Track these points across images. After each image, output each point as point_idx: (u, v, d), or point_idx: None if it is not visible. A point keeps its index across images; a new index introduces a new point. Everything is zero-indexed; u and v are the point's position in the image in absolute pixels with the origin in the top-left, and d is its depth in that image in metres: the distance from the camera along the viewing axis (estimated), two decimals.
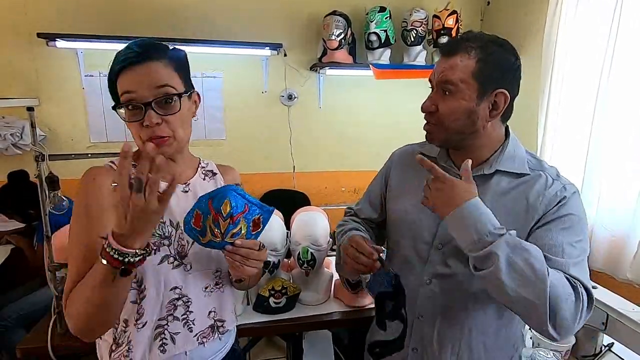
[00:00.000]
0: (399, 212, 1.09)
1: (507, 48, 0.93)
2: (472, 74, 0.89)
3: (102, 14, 2.51)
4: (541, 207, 0.91)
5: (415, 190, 1.03)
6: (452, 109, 0.91)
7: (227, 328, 1.02)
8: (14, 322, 2.10)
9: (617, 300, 1.25)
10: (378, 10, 2.63)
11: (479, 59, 0.89)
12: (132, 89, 0.83)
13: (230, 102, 2.81)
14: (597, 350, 1.33)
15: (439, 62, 0.95)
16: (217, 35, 2.63)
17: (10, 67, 2.47)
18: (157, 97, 0.84)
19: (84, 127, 2.62)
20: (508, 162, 0.96)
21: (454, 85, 0.90)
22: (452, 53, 0.91)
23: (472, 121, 0.92)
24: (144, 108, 0.84)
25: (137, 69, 0.84)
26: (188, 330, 0.94)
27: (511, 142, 0.98)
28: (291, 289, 1.53)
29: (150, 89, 0.84)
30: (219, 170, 1.08)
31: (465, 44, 0.91)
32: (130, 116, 0.85)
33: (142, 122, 0.84)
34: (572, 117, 2.15)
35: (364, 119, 2.98)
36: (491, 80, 0.90)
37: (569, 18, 2.12)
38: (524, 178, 0.96)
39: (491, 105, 0.92)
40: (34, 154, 1.26)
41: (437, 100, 0.94)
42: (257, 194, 2.96)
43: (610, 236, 1.90)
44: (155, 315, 0.90)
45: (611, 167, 1.92)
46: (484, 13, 3.02)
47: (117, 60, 0.85)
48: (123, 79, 0.84)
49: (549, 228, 0.90)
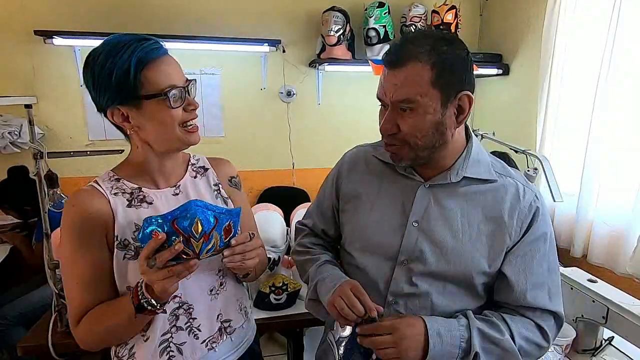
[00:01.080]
0: (355, 226, 0.97)
1: (456, 43, 0.82)
2: (430, 83, 0.78)
3: (99, 11, 2.49)
4: (517, 224, 0.87)
5: (373, 198, 0.95)
6: (416, 127, 0.81)
7: (234, 327, 1.00)
8: (13, 321, 2.10)
9: (618, 294, 1.25)
10: (377, 5, 2.62)
11: (433, 63, 0.78)
12: (173, 81, 0.85)
13: (228, 99, 2.80)
14: (598, 344, 1.34)
15: (387, 77, 0.82)
16: (215, 31, 2.61)
17: (7, 65, 2.46)
18: (186, 82, 0.88)
19: (82, 125, 2.61)
20: (474, 168, 0.89)
21: (413, 102, 0.79)
22: (400, 64, 0.79)
23: (440, 133, 0.83)
24: (182, 94, 0.86)
25: (166, 59, 0.86)
26: (194, 338, 0.93)
27: (474, 145, 0.91)
28: (292, 286, 1.53)
29: (181, 76, 0.88)
30: (210, 165, 1.05)
31: (411, 49, 0.79)
32: (174, 102, 0.85)
33: (184, 107, 0.88)
34: (571, 111, 2.15)
35: (363, 115, 2.97)
36: (452, 85, 0.80)
37: (568, 12, 2.11)
38: (492, 184, 0.89)
39: (456, 111, 0.83)
40: (33, 151, 1.26)
41: (395, 119, 0.83)
42: (256, 191, 2.96)
43: (610, 231, 1.90)
44: (158, 330, 0.89)
45: (611, 161, 1.91)
46: (482, 8, 3.01)
47: (142, 51, 0.82)
48: (157, 69, 0.84)
49: (528, 258, 0.88)
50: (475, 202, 0.89)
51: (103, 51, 0.82)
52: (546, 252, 0.89)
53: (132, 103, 0.84)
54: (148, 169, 0.93)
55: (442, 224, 0.89)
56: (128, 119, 0.86)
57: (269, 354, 2.45)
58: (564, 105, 2.18)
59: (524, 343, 0.86)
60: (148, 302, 0.79)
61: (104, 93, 0.83)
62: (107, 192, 0.88)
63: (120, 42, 0.82)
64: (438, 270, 0.88)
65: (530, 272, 0.88)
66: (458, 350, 0.83)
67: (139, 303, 0.80)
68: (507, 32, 2.74)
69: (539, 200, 0.89)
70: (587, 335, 1.33)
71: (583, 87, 2.07)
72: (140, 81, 0.82)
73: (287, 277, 1.55)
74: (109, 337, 0.89)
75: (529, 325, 0.88)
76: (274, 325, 1.54)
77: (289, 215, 1.93)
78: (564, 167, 2.15)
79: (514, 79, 2.68)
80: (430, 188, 0.91)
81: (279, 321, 1.51)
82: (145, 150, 0.91)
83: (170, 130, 0.87)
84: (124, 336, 0.90)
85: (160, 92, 0.83)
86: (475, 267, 0.87)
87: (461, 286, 0.89)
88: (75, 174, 2.58)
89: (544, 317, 0.89)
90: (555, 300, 0.90)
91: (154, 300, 0.79)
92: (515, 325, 0.87)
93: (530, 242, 0.88)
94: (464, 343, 0.83)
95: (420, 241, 0.89)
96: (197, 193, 0.98)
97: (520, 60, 2.61)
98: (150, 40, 0.84)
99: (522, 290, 0.87)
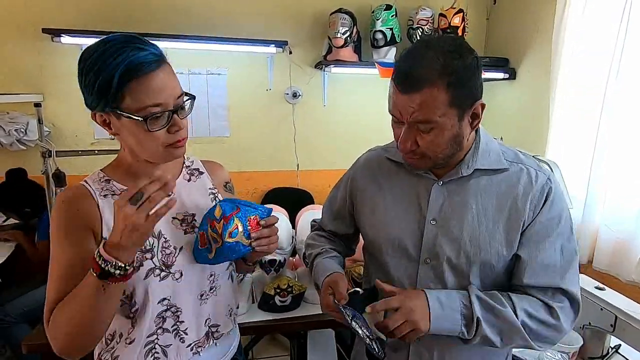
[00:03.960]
0: (374, 228, 0.99)
1: (465, 52, 0.80)
2: (448, 104, 0.78)
3: (106, 10, 2.50)
4: (531, 207, 0.88)
5: (389, 200, 0.97)
6: (436, 143, 0.83)
7: (222, 332, 0.99)
8: (17, 318, 2.10)
9: (626, 302, 1.24)
10: (384, 8, 2.61)
11: (447, 85, 0.77)
12: (159, 100, 0.77)
13: (234, 100, 2.80)
14: (605, 352, 1.32)
15: (402, 99, 0.80)
16: (222, 32, 2.61)
17: (15, 63, 2.47)
18: (178, 104, 0.81)
19: (88, 123, 2.61)
20: (484, 159, 0.90)
21: (432, 122, 0.80)
22: (414, 89, 0.78)
23: (458, 143, 0.85)
24: (168, 115, 0.80)
25: (156, 75, 0.77)
26: (180, 341, 0.91)
27: (483, 137, 0.92)
28: (297, 288, 1.52)
29: (173, 97, 0.80)
30: (205, 168, 1.03)
31: (424, 73, 0.77)
32: (153, 125, 0.78)
33: (168, 128, 0.81)
34: (579, 116, 2.14)
35: (368, 117, 2.97)
36: (467, 99, 0.81)
37: (576, 18, 2.10)
38: (504, 173, 0.90)
39: (471, 119, 0.84)
40: (41, 149, 1.26)
41: (414, 137, 0.84)
42: (260, 192, 2.96)
43: (616, 237, 1.89)
44: (144, 331, 0.87)
45: (617, 167, 1.90)
46: (490, 12, 3.00)
47: (132, 62, 0.75)
48: (143, 84, 0.76)
49: (540, 237, 0.88)
50: (489, 193, 0.90)
51: (95, 52, 0.77)
52: (559, 234, 0.88)
53: (113, 113, 0.79)
54: (136, 171, 0.90)
55: (459, 219, 0.90)
56: (110, 125, 0.83)
57: (271, 355, 2.44)
58: (572, 110, 2.17)
59: (527, 319, 0.85)
60: (114, 265, 0.71)
61: (88, 94, 0.80)
62: (96, 193, 0.86)
63: (113, 46, 0.76)
64: (460, 264, 0.90)
65: (541, 251, 0.87)
66: (459, 315, 0.85)
67: (101, 270, 0.72)
68: (514, 36, 2.73)
69: (551, 182, 0.89)
70: (594, 343, 1.32)
71: (591, 92, 2.06)
72: (122, 94, 0.76)
73: (293, 280, 1.55)
74: (78, 329, 0.77)
75: (534, 303, 0.87)
76: (278, 327, 1.54)
77: (294, 216, 1.92)
78: (569, 173, 2.13)
79: (520, 83, 2.67)
80: (444, 185, 0.93)
81: (283, 323, 1.50)
82: (132, 153, 0.87)
83: (148, 149, 0.83)
84: (91, 326, 0.78)
85: (139, 112, 0.77)
86: (494, 256, 0.88)
87: (486, 272, 0.90)
88: (81, 172, 2.58)
89: (556, 297, 0.88)
90: (568, 280, 0.88)
91: (121, 262, 0.72)
92: (518, 301, 0.86)
93: (542, 222, 0.88)
94: (465, 309, 0.85)
95: (439, 239, 0.90)
96: (190, 196, 0.96)
97: (527, 65, 2.60)
98: (145, 49, 0.77)
99: (532, 268, 0.87)
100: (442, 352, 0.94)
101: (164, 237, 0.89)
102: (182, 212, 0.94)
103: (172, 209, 0.87)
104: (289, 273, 1.66)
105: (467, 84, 0.80)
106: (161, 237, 0.89)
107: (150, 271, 0.86)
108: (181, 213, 0.93)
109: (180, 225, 0.92)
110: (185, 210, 0.94)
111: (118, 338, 0.89)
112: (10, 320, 2.09)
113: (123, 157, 0.91)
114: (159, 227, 0.88)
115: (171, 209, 0.80)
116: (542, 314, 0.87)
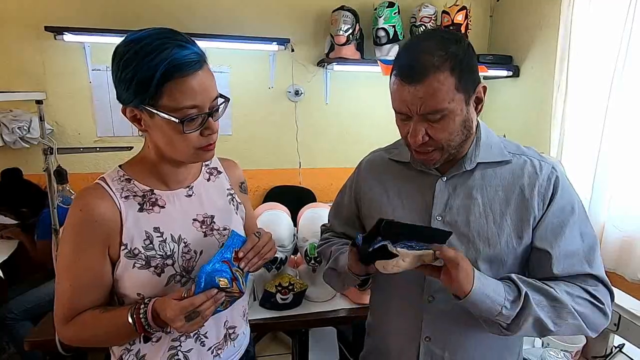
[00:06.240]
0: None
1: (459, 37, 0.82)
2: (455, 89, 0.79)
3: (109, 8, 2.50)
4: (539, 198, 0.87)
5: (395, 200, 0.97)
6: (449, 131, 0.83)
7: (237, 333, 1.00)
8: (20, 315, 2.11)
9: (630, 301, 1.23)
10: (386, 5, 2.60)
11: (452, 69, 0.78)
12: (196, 102, 0.77)
13: (236, 97, 2.79)
14: (608, 351, 1.31)
15: (408, 91, 0.79)
16: (224, 29, 2.61)
17: (18, 61, 2.47)
18: (213, 106, 0.81)
19: (91, 121, 2.62)
20: (486, 153, 0.90)
21: (443, 110, 0.80)
22: (421, 78, 0.78)
23: (468, 128, 0.85)
24: (203, 117, 0.80)
25: (197, 76, 0.77)
26: (200, 345, 0.92)
27: (483, 130, 0.92)
28: (298, 285, 1.52)
29: (209, 100, 0.80)
30: (223, 167, 1.03)
31: (428, 60, 0.77)
32: (188, 127, 0.78)
33: (201, 131, 0.81)
34: (584, 114, 2.12)
35: (371, 115, 2.96)
36: (470, 82, 0.82)
37: (582, 16, 2.08)
38: (507, 165, 0.90)
39: (475, 103, 0.85)
40: (43, 147, 1.26)
41: (424, 129, 0.83)
42: (262, 190, 2.96)
43: (622, 236, 1.88)
44: (168, 336, 0.89)
45: (623, 166, 1.89)
46: (493, 9, 2.98)
47: (173, 61, 0.74)
48: (183, 85, 0.75)
49: (557, 228, 0.86)
50: (494, 186, 0.90)
51: (134, 47, 0.75)
52: (576, 221, 0.87)
53: (146, 110, 0.78)
54: (160, 170, 0.89)
55: (465, 214, 0.89)
56: (141, 121, 0.81)
57: (273, 353, 2.44)
58: (577, 107, 2.15)
59: (568, 297, 0.82)
60: (154, 329, 0.81)
61: (123, 89, 0.78)
62: (116, 195, 0.84)
63: (155, 41, 0.75)
64: (470, 259, 0.87)
65: (563, 241, 0.85)
66: (503, 287, 0.80)
67: (144, 331, 0.81)
68: (518, 33, 2.71)
69: (557, 171, 0.89)
70: (597, 342, 1.31)
71: (597, 89, 2.04)
72: (162, 92, 0.75)
73: (294, 277, 1.54)
74: (96, 343, 0.88)
75: (573, 287, 0.85)
76: (280, 325, 1.53)
77: (296, 214, 1.92)
78: (574, 171, 2.12)
79: (524, 81, 2.65)
80: (448, 180, 0.92)
81: (285, 321, 1.50)
82: (158, 152, 0.86)
83: (179, 150, 0.82)
84: (110, 345, 0.92)
85: (175, 112, 0.76)
86: (504, 248, 0.87)
87: (496, 268, 0.89)
88: (83, 170, 2.60)
89: (588, 282, 0.85)
90: (595, 265, 0.86)
91: (160, 327, 0.82)
92: (555, 285, 0.83)
93: (556, 212, 0.86)
94: (509, 285, 0.82)
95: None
96: (209, 197, 0.96)
97: (531, 62, 2.58)
98: (187, 48, 0.76)
99: (557, 259, 0.85)
100: (454, 350, 0.93)
101: (183, 241, 0.89)
102: (202, 213, 0.94)
103: (193, 210, 0.91)
104: (290, 271, 1.66)
105: (468, 66, 0.81)
106: (181, 241, 0.88)
107: (171, 278, 0.87)
108: (201, 214, 0.93)
109: (200, 228, 0.92)
110: (204, 211, 0.94)
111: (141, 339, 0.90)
112: (14, 318, 2.10)
113: (146, 154, 0.89)
114: (179, 231, 0.89)
115: (192, 210, 0.87)
116: (582, 292, 0.84)
